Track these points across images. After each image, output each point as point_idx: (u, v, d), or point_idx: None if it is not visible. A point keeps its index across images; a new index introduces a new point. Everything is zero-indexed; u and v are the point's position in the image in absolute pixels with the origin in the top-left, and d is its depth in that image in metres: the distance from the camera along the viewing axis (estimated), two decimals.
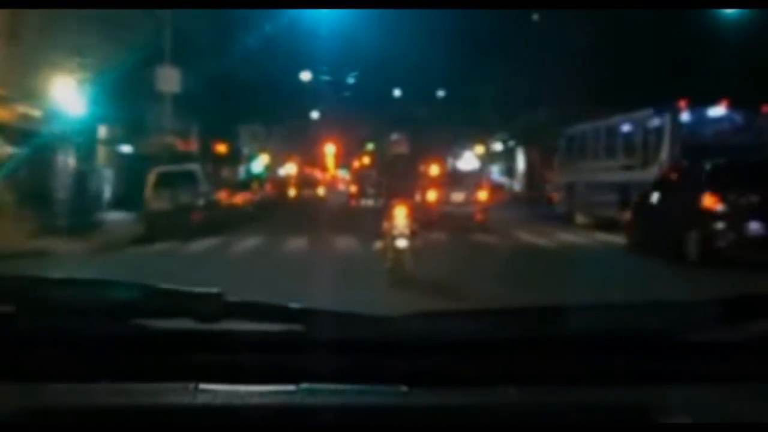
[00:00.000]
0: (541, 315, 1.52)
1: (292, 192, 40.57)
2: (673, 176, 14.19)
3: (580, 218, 21.36)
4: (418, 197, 12.71)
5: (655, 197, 14.00)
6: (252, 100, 40.54)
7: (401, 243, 9.79)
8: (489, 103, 37.71)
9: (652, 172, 16.36)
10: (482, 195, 21.61)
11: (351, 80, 60.78)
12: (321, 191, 43.20)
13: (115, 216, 21.02)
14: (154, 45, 22.47)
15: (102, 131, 25.46)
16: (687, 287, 9.55)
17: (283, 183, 43.40)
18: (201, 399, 1.27)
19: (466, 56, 39.09)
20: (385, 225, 10.19)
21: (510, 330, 1.41)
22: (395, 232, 9.85)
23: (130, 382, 1.30)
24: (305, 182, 45.99)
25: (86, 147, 21.64)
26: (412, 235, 10.00)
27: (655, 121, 18.28)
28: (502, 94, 34.97)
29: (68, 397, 1.28)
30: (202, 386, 1.29)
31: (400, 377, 1.31)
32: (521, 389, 1.31)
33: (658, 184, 14.36)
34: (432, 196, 19.93)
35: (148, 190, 19.09)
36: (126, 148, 26.82)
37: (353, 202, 33.12)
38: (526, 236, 17.65)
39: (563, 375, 1.35)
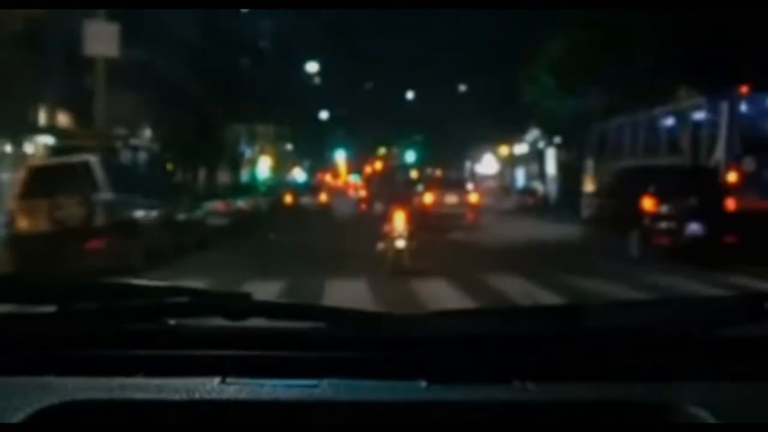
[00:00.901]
0: (561, 312, 1.65)
1: (288, 198, 36.06)
2: (621, 180, 15.62)
3: None
4: (416, 201, 14.59)
5: (608, 200, 15.60)
6: (253, 96, 37.52)
7: (400, 243, 11.57)
8: (514, 100, 34.36)
9: None
10: (473, 198, 24.56)
11: (363, 78, 58.36)
12: (323, 198, 38.85)
13: None
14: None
15: (41, 118, 20.77)
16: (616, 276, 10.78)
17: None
18: (227, 392, 1.32)
19: (483, 51, 36.54)
20: (386, 227, 11.94)
21: (529, 326, 1.48)
22: (395, 234, 11.61)
23: (161, 377, 1.36)
24: (311, 187, 41.55)
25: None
26: (410, 237, 11.71)
27: (709, 112, 15.67)
28: (528, 88, 31.69)
29: (101, 391, 1.32)
30: (229, 380, 1.35)
31: (419, 373, 1.35)
32: (540, 385, 1.33)
33: (610, 188, 15.92)
34: (428, 199, 22.53)
35: (16, 200, 12.74)
36: (47, 140, 20.67)
37: (363, 207, 33.04)
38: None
39: (582, 371, 1.38)
